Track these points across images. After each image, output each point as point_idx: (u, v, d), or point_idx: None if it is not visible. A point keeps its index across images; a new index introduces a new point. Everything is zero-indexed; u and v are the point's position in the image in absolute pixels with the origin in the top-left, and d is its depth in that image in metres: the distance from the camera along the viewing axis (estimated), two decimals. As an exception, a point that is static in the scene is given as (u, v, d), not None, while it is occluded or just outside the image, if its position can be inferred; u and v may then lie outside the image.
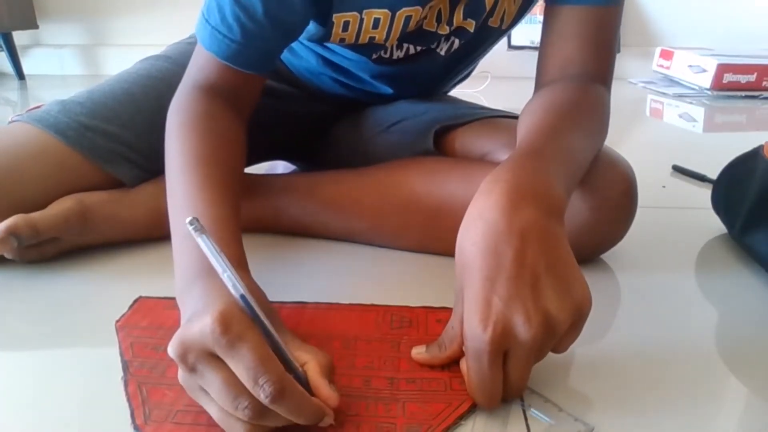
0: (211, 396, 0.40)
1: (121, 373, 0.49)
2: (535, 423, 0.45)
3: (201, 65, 0.67)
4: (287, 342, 0.44)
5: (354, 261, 0.72)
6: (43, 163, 0.71)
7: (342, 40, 0.71)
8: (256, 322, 0.41)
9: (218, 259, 0.42)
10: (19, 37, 2.17)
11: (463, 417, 0.45)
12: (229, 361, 0.38)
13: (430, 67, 0.80)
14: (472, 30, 0.74)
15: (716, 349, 0.56)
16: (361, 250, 0.75)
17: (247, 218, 0.78)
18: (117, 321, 0.58)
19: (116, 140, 0.74)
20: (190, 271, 0.49)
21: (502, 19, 0.75)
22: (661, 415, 0.46)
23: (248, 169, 0.89)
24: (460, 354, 0.47)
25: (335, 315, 0.59)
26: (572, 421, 0.45)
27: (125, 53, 1.25)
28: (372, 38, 0.70)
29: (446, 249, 0.71)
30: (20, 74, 2.16)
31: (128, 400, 0.46)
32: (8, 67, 2.18)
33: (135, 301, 0.61)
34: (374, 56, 0.76)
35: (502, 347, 0.42)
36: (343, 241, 0.76)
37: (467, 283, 0.44)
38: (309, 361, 0.43)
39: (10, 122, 0.76)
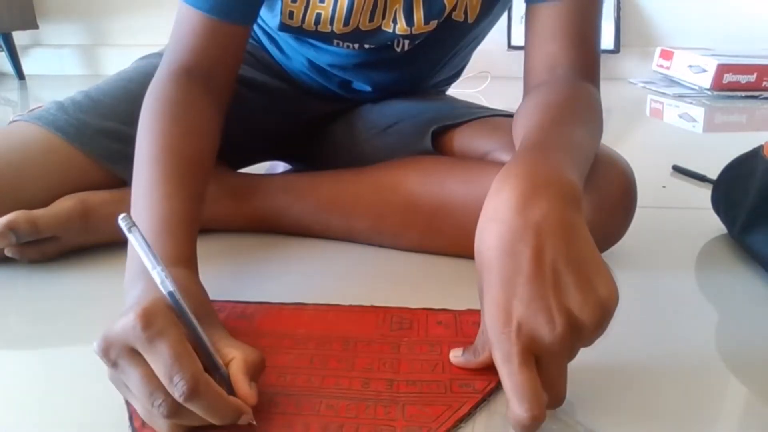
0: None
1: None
2: (534, 425, 0.45)
3: (179, 37, 0.67)
4: (218, 340, 0.44)
5: (354, 262, 0.72)
6: (45, 160, 0.71)
7: (291, 15, 0.72)
8: (183, 319, 0.41)
9: (148, 256, 0.42)
10: (19, 37, 2.17)
11: (463, 420, 0.45)
12: (148, 357, 0.39)
13: (393, 61, 0.79)
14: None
15: (716, 349, 0.56)
16: (362, 251, 0.75)
17: (247, 218, 0.78)
18: (117, 322, 0.58)
19: (115, 137, 0.74)
20: (135, 267, 0.49)
21: (465, 13, 0.74)
22: (660, 417, 0.46)
23: (248, 169, 0.89)
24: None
25: (335, 316, 0.58)
26: (573, 425, 0.44)
27: (125, 53, 1.25)
28: (319, 15, 0.71)
29: (446, 248, 0.72)
30: (20, 74, 2.16)
31: (126, 401, 0.46)
32: (8, 67, 2.18)
33: (135, 302, 0.61)
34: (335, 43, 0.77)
35: (528, 347, 0.40)
36: (343, 241, 0.76)
37: (486, 289, 0.43)
38: (235, 357, 0.43)
39: (10, 123, 0.76)
